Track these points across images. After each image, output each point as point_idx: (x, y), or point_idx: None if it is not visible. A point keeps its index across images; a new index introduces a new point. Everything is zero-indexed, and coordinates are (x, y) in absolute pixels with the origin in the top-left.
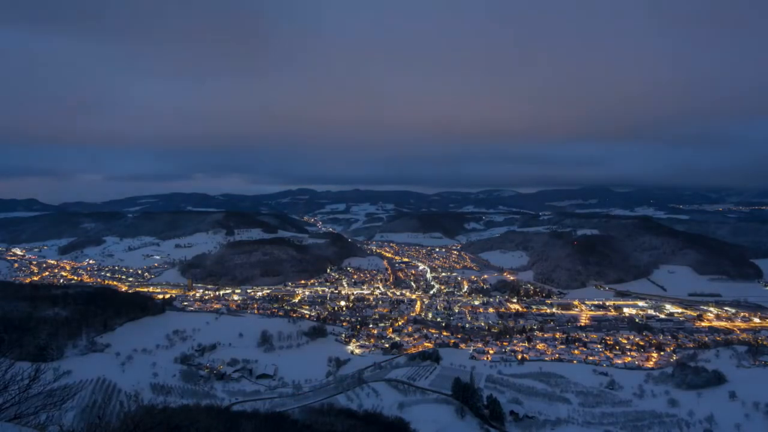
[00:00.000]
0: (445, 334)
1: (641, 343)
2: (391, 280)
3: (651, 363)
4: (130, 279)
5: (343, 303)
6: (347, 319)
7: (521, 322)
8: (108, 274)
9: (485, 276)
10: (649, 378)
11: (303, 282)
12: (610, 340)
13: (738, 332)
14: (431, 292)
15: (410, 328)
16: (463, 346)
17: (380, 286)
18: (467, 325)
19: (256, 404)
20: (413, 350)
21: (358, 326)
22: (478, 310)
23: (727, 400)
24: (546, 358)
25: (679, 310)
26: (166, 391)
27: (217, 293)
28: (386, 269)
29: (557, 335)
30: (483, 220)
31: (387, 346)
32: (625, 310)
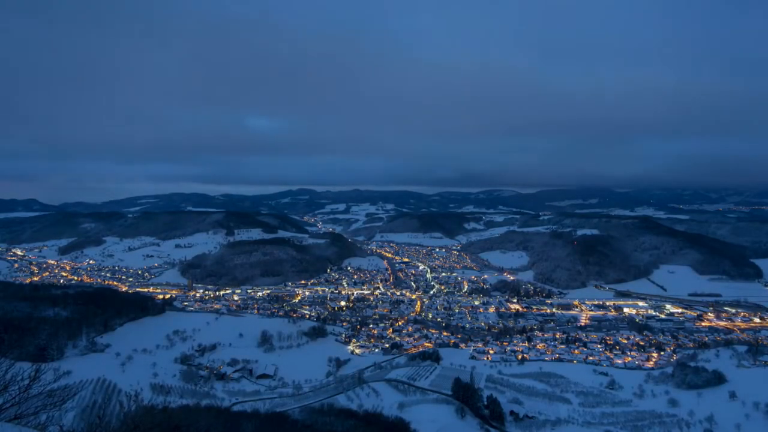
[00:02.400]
0: (445, 334)
1: (641, 343)
2: (391, 280)
3: (651, 363)
4: (130, 279)
5: (343, 303)
6: (347, 319)
7: (521, 322)
8: (108, 275)
9: (485, 276)
10: (649, 378)
11: (303, 282)
12: (610, 340)
13: (738, 332)
14: (431, 292)
15: (410, 328)
16: (463, 346)
17: (380, 286)
18: (467, 325)
19: (256, 404)
20: (413, 350)
21: (358, 326)
22: (478, 310)
23: (727, 400)
24: (546, 358)
25: (679, 310)
26: (166, 391)
27: (217, 293)
28: (386, 269)
29: (557, 335)
30: (483, 220)
31: (387, 346)
32: (625, 310)
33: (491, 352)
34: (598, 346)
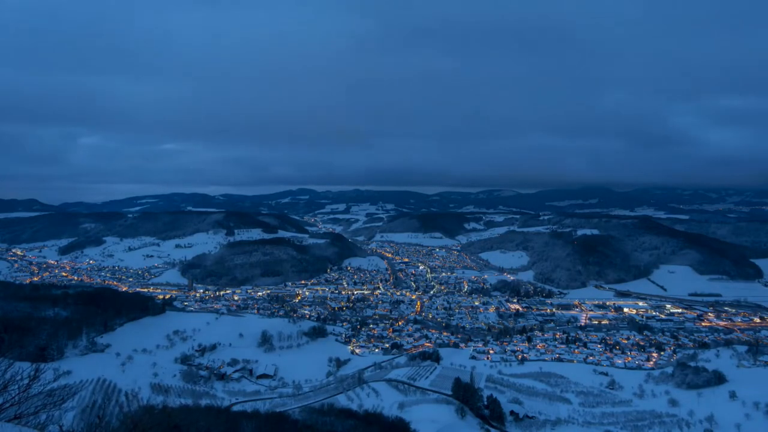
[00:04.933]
0: (445, 334)
1: (641, 343)
2: (391, 280)
3: (651, 363)
4: (131, 279)
5: (343, 303)
6: (347, 319)
7: (521, 322)
8: (108, 275)
9: (485, 276)
10: (650, 378)
11: (303, 282)
12: (610, 340)
13: (738, 332)
14: (431, 293)
15: (410, 328)
16: (463, 346)
17: (380, 287)
18: (467, 325)
19: (256, 404)
20: (413, 350)
21: (359, 326)
22: (478, 310)
23: (728, 399)
24: (546, 358)
25: (679, 310)
26: (166, 392)
27: (217, 293)
28: (386, 269)
29: (557, 335)
30: (483, 220)
31: (387, 346)
32: (625, 310)
33: (491, 352)
34: (598, 346)
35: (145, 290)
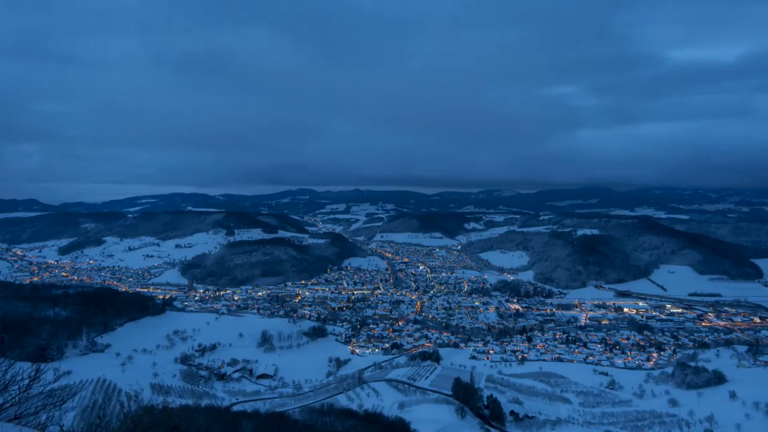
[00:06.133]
0: (445, 334)
1: (641, 343)
2: (391, 280)
3: (651, 363)
4: (131, 279)
5: (343, 303)
6: (347, 319)
7: (521, 322)
8: (108, 275)
9: (485, 276)
10: (650, 378)
11: (303, 282)
12: (610, 340)
13: (738, 332)
14: (431, 293)
15: (410, 329)
16: (463, 346)
17: (380, 286)
18: (467, 325)
19: (256, 404)
20: (413, 350)
21: (359, 326)
22: (478, 310)
23: (728, 399)
24: (546, 358)
25: (680, 310)
26: (166, 391)
27: (217, 293)
28: (386, 269)
29: (557, 335)
30: (483, 220)
31: (387, 346)
32: (626, 310)
33: (491, 352)
34: (599, 346)
35: (145, 290)
